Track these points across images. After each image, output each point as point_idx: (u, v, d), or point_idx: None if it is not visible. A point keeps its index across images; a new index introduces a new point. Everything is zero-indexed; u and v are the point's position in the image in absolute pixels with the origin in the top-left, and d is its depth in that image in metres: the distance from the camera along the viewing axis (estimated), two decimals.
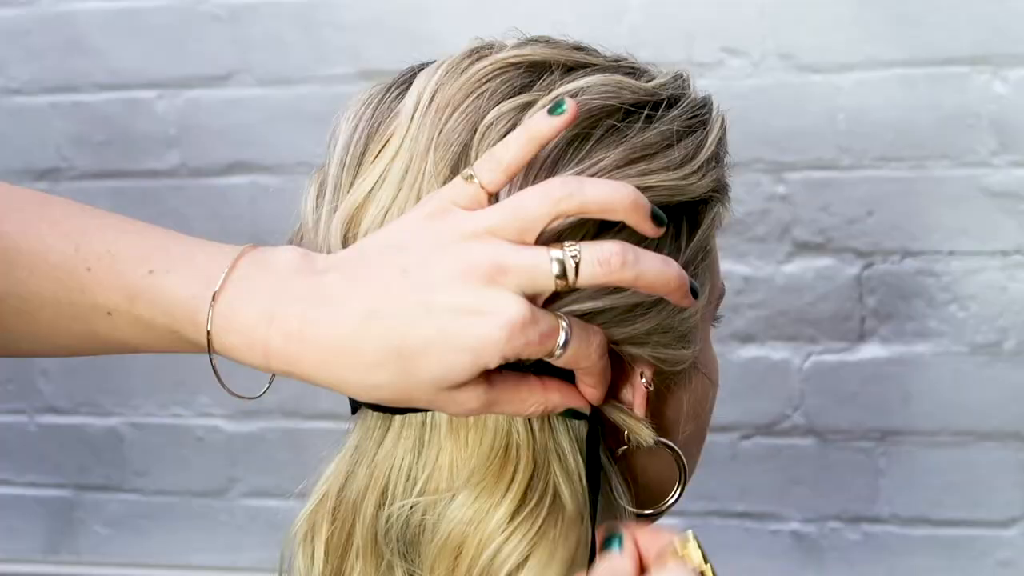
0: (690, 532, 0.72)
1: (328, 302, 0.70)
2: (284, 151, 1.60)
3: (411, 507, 0.77)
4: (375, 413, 0.80)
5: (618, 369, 0.79)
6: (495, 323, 0.68)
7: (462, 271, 0.69)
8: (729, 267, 1.46)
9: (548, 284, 0.70)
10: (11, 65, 1.69)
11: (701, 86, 0.86)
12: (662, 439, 0.79)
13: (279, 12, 1.58)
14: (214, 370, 0.75)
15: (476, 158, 0.74)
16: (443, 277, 0.69)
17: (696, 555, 0.73)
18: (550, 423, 0.77)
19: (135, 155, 1.67)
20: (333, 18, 1.56)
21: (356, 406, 0.82)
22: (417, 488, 0.77)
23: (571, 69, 0.79)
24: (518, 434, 0.76)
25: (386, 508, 0.79)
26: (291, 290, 0.70)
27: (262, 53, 1.59)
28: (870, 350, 1.46)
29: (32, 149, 1.71)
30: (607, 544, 0.74)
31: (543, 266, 0.69)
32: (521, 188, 0.73)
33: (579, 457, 0.77)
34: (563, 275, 0.69)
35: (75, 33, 1.65)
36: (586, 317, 0.74)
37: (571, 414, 0.78)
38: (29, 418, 1.77)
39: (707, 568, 0.73)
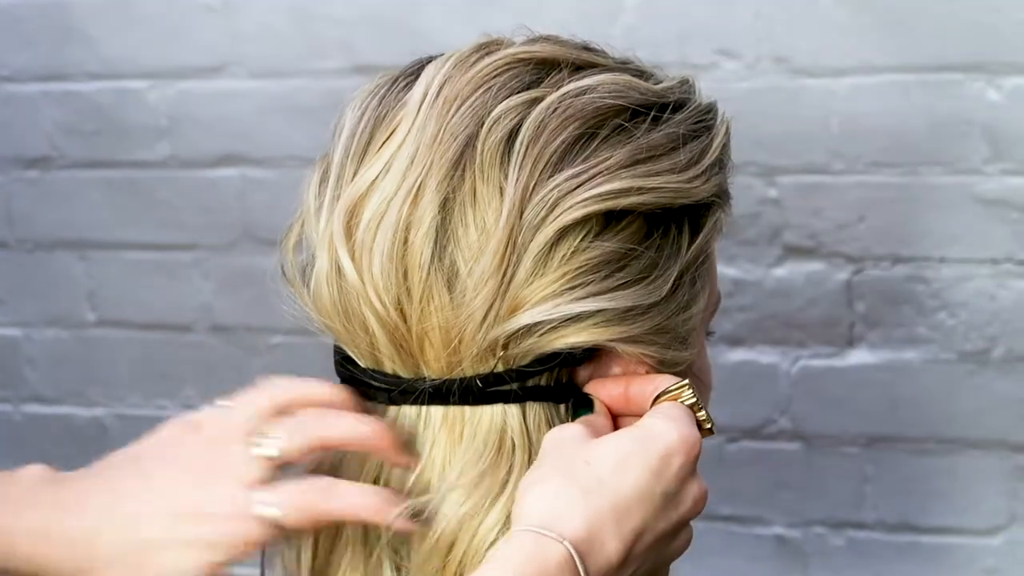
0: (686, 381, 0.77)
1: None
2: (275, 144, 1.59)
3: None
4: (369, 403, 0.80)
5: (620, 368, 0.79)
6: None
7: None
8: (719, 269, 1.44)
9: None
10: (3, 52, 1.68)
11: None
12: None
13: (272, 4, 1.58)
14: None
15: (481, 151, 0.75)
16: None
17: (687, 393, 0.76)
18: (547, 419, 0.78)
19: (126, 145, 1.66)
20: (326, 11, 1.55)
21: None
22: (408, 480, 0.77)
23: (579, 68, 0.80)
24: (512, 430, 0.77)
25: None
26: None
27: (255, 45, 1.59)
28: (858, 356, 1.46)
29: (23, 137, 1.70)
30: (577, 416, 0.78)
31: None
32: (528, 183, 0.74)
33: None
34: None
35: (68, 22, 1.65)
36: (580, 318, 0.75)
37: (585, 407, 0.79)
38: (14, 407, 1.77)
39: (701, 412, 0.77)
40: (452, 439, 0.77)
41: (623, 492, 0.71)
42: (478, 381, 0.76)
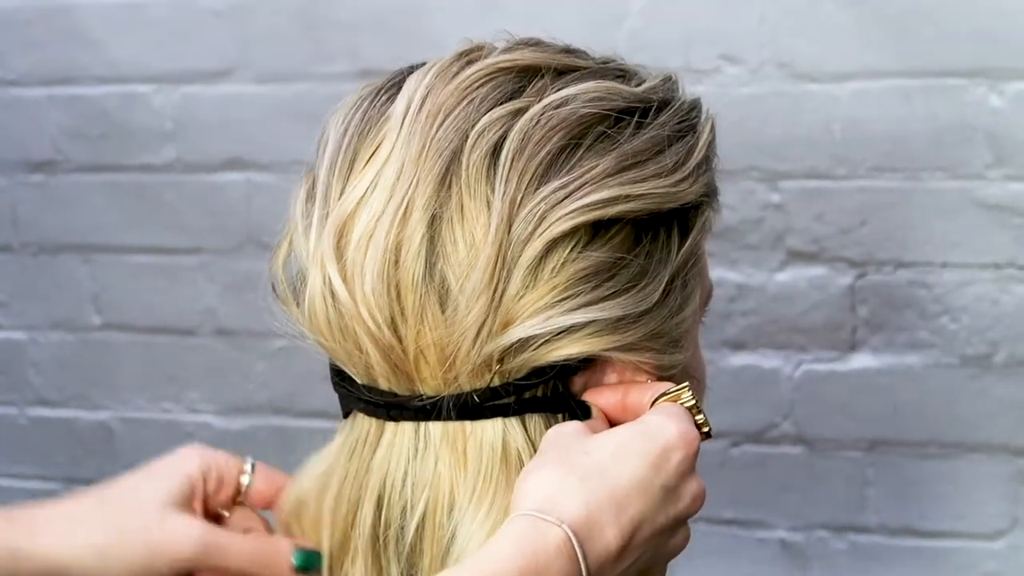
0: (686, 384, 0.77)
1: None
2: (281, 148, 1.60)
3: (411, 519, 0.77)
4: (369, 418, 0.80)
5: (616, 375, 0.79)
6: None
7: None
8: (721, 274, 1.46)
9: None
10: (9, 56, 1.69)
11: (698, 92, 0.87)
12: None
13: (278, 9, 1.58)
14: None
15: (466, 166, 0.74)
16: None
17: (687, 395, 0.77)
18: (546, 429, 0.77)
19: (131, 149, 1.66)
20: (332, 16, 1.56)
21: (348, 409, 0.82)
22: (414, 496, 0.77)
23: (561, 73, 0.79)
24: (516, 443, 0.76)
25: (383, 515, 0.78)
26: None
27: (261, 50, 1.59)
28: (861, 360, 1.46)
29: (28, 141, 1.70)
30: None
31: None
32: (514, 197, 0.74)
33: None
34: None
35: (74, 25, 1.65)
36: (573, 330, 0.75)
37: (584, 412, 0.79)
38: (19, 410, 1.77)
39: (700, 415, 0.77)
40: (456, 456, 0.76)
41: (622, 481, 0.71)
42: (475, 396, 0.75)
